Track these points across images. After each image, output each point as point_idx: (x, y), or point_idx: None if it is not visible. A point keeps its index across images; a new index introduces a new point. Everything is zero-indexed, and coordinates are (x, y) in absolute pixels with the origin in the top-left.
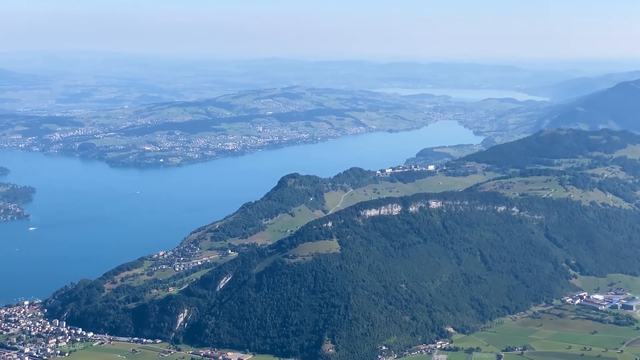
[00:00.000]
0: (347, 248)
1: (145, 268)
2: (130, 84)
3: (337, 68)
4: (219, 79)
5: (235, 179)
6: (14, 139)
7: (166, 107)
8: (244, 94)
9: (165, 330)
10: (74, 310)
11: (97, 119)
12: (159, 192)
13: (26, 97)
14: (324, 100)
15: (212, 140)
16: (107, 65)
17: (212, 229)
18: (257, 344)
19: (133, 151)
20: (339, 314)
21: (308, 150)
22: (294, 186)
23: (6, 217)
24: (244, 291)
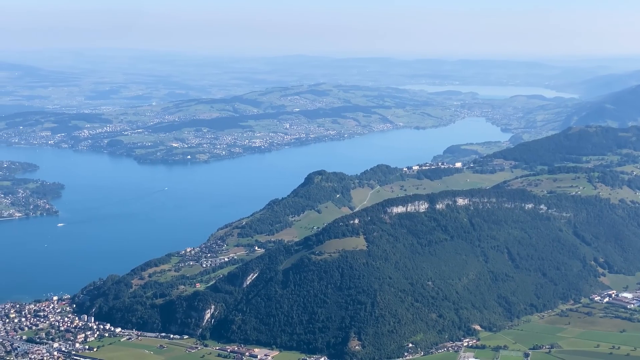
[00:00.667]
0: (373, 245)
1: (173, 264)
2: (158, 81)
3: (363, 65)
4: (245, 75)
5: (262, 176)
6: (44, 135)
7: (193, 104)
8: (271, 91)
9: (192, 326)
10: (102, 305)
11: (125, 116)
12: (186, 189)
13: (55, 94)
14: (350, 97)
15: (239, 137)
16: (135, 63)
17: (239, 225)
18: (283, 341)
19: (161, 148)
20: (365, 311)
21: (335, 147)
22: (320, 183)
23: (35, 213)
24: (270, 288)
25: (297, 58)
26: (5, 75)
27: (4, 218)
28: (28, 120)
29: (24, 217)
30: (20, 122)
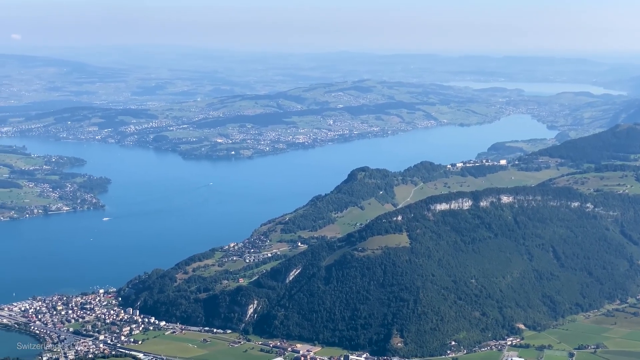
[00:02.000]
0: (416, 242)
1: (216, 259)
2: (203, 77)
3: (408, 61)
4: (290, 72)
5: (305, 172)
6: (91, 130)
7: (238, 100)
8: (315, 87)
9: (235, 321)
10: (147, 299)
11: (171, 112)
12: (230, 184)
13: (103, 90)
14: (394, 94)
15: (283, 133)
16: (181, 59)
17: (282, 221)
18: (325, 336)
19: (205, 143)
20: (407, 308)
21: (378, 143)
22: (364, 179)
23: (83, 207)
24: (313, 283)
25: (341, 54)
26: (54, 71)
27: (52, 212)
28: (76, 116)
29: (71, 210)
30: (69, 118)
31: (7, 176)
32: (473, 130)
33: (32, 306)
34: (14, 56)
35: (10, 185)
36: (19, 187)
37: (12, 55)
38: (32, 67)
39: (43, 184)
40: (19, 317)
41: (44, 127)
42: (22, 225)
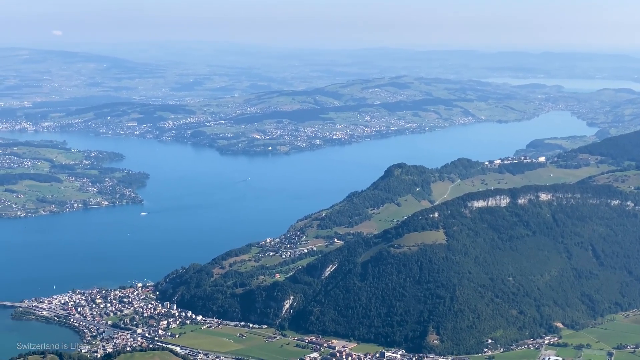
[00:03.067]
0: (453, 239)
1: (253, 254)
2: (241, 73)
3: (445, 57)
4: (327, 68)
5: (342, 168)
6: (130, 126)
7: (275, 95)
8: (352, 84)
9: (271, 316)
10: (184, 293)
11: (209, 107)
12: (266, 180)
13: (141, 86)
14: (432, 90)
15: (320, 129)
16: (218, 55)
17: (318, 217)
18: (361, 333)
19: (242, 139)
20: (444, 306)
21: (415, 140)
22: (400, 176)
23: (121, 201)
24: (349, 280)
25: (379, 50)
26: (94, 67)
27: (91, 206)
28: (115, 111)
29: (110, 205)
30: (108, 113)
31: (48, 170)
32: (511, 127)
33: (72, 299)
34: (55, 52)
35: (51, 180)
36: (60, 181)
37: (54, 51)
38: (72, 63)
39: (83, 178)
40: (59, 309)
41: (84, 122)
42: (62, 219)
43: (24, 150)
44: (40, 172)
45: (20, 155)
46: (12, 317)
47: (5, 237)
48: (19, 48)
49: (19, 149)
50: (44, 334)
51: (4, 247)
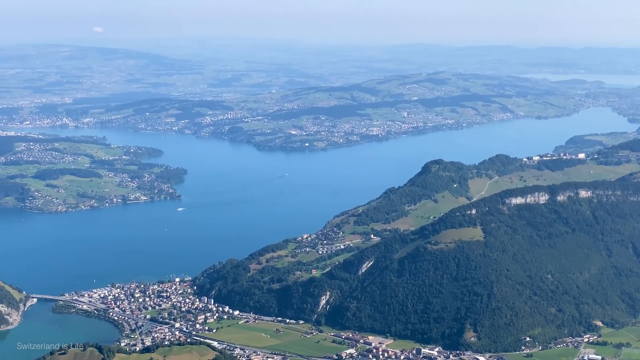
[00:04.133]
0: (491, 236)
1: (290, 250)
2: (278, 69)
3: (484, 53)
4: (364, 64)
5: (379, 164)
6: (168, 122)
7: (312, 91)
8: (389, 80)
9: (308, 312)
10: (222, 288)
11: (246, 103)
12: (303, 176)
13: (180, 82)
14: (470, 86)
15: (357, 125)
16: (256, 51)
17: (355, 213)
18: (398, 329)
19: (279, 135)
20: (481, 303)
21: (453, 136)
22: (437, 172)
23: (160, 197)
24: (385, 276)
25: (416, 46)
26: (134, 63)
27: (130, 201)
28: (154, 107)
29: (149, 200)
30: (147, 109)
31: (88, 166)
32: (550, 123)
33: (111, 293)
34: (95, 48)
35: (91, 175)
36: (99, 176)
37: (94, 47)
38: (112, 59)
39: (122, 173)
40: (99, 303)
41: (124, 118)
42: (102, 214)
43: (65, 145)
44: (81, 168)
45: (61, 150)
46: (53, 310)
47: (47, 232)
48: (60, 45)
49: (60, 144)
50: (83, 327)
51: (46, 241)
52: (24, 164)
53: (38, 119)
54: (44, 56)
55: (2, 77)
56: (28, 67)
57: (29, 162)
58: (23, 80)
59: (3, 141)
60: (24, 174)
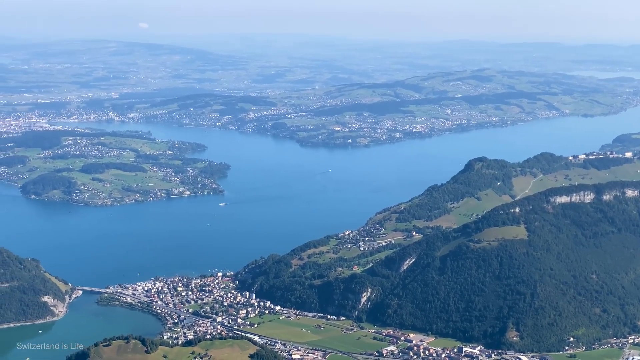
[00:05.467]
0: (534, 235)
1: (331, 246)
2: (322, 65)
3: (529, 50)
4: (408, 60)
5: (422, 161)
6: (212, 117)
7: (355, 88)
8: (433, 76)
9: (349, 308)
10: (263, 283)
11: (289, 99)
12: (346, 172)
13: (224, 78)
14: (515, 83)
15: (400, 121)
16: (300, 47)
17: (397, 210)
18: (439, 327)
19: (322, 131)
20: (524, 302)
21: (497, 133)
22: (481, 170)
23: (203, 191)
24: (427, 273)
25: (461, 43)
26: (179, 58)
27: (174, 195)
28: (198, 103)
29: (192, 195)
30: (191, 104)
31: (133, 160)
32: (597, 122)
33: (155, 286)
34: (141, 44)
35: (135, 169)
36: (144, 171)
37: (140, 43)
38: (158, 55)
39: (166, 168)
40: (142, 296)
41: (168, 113)
42: (146, 207)
43: (111, 140)
44: (126, 162)
45: (107, 145)
46: (97, 302)
47: (93, 225)
48: (107, 40)
49: (106, 139)
50: (127, 320)
51: (91, 234)
52: (71, 158)
53: (85, 114)
54: (91, 52)
55: (50, 72)
56: (76, 62)
57: (76, 156)
58: (71, 75)
59: (51, 135)
60: (71, 167)
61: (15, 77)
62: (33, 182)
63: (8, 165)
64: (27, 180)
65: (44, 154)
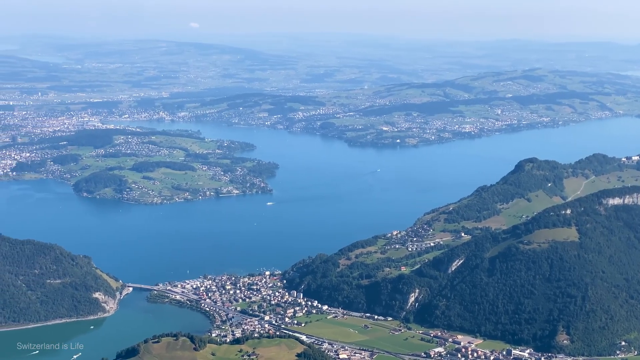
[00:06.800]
0: (586, 237)
1: (379, 246)
2: (371, 65)
3: (582, 50)
4: (457, 60)
5: (471, 162)
6: (261, 116)
7: (405, 88)
8: (483, 76)
9: (397, 309)
10: (311, 283)
11: (338, 99)
12: (394, 172)
13: (273, 77)
14: (567, 83)
15: (449, 122)
16: (349, 47)
17: (445, 210)
18: (487, 329)
19: (371, 131)
20: (575, 305)
21: (548, 134)
22: (531, 171)
23: (251, 190)
24: (476, 275)
25: (512, 42)
26: (229, 58)
27: (223, 194)
28: (247, 102)
29: (240, 194)
30: (241, 104)
31: (182, 159)
32: None
33: (203, 284)
34: (191, 44)
35: (185, 168)
36: (194, 169)
37: (190, 43)
38: (208, 54)
39: (215, 167)
40: (191, 294)
41: (218, 112)
42: (195, 206)
43: (161, 139)
44: (176, 161)
45: (158, 144)
46: (147, 299)
47: (143, 223)
48: (158, 40)
49: (156, 137)
50: (176, 317)
51: (142, 232)
52: (122, 157)
53: (136, 113)
54: (143, 51)
55: (103, 71)
56: (128, 62)
57: (127, 154)
58: (123, 75)
59: (103, 134)
60: (122, 166)
61: (69, 77)
62: (85, 180)
63: (61, 164)
64: (80, 179)
65: (96, 153)
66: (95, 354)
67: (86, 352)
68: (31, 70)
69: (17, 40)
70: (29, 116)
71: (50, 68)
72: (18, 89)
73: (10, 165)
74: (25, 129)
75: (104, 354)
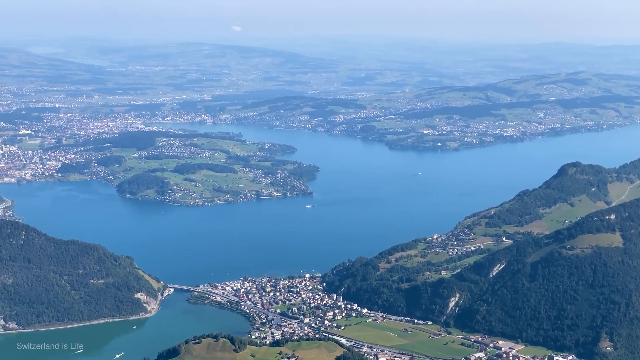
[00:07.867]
0: (631, 243)
1: (419, 250)
2: (412, 68)
3: (627, 52)
4: (500, 63)
5: (513, 166)
6: (302, 119)
7: (446, 91)
8: (526, 80)
9: (437, 313)
10: (351, 286)
11: (379, 102)
12: (435, 176)
13: (314, 80)
14: (612, 87)
15: (491, 125)
16: (390, 50)
17: (487, 214)
18: (529, 335)
19: (412, 134)
20: (619, 312)
21: (592, 138)
22: (575, 175)
23: (292, 193)
24: (517, 280)
25: (555, 45)
26: (270, 61)
27: (263, 197)
28: (288, 105)
29: (281, 196)
30: (282, 106)
31: (224, 161)
32: None
33: (243, 286)
34: (233, 47)
35: (226, 170)
36: (235, 172)
37: (232, 46)
38: (249, 57)
39: (256, 169)
40: (231, 296)
41: (259, 115)
42: (236, 208)
43: (203, 141)
44: (217, 163)
45: (199, 146)
46: (188, 300)
47: (185, 225)
48: (201, 43)
49: (198, 140)
50: (216, 318)
51: (183, 233)
52: (165, 158)
53: (178, 115)
54: (185, 54)
55: (146, 74)
56: (171, 65)
57: (169, 156)
58: (166, 78)
59: (146, 136)
60: (164, 168)
61: (113, 79)
62: (128, 182)
63: (105, 165)
64: (123, 180)
65: (139, 154)
66: (136, 354)
67: (128, 352)
68: (76, 72)
69: (62, 44)
70: (74, 118)
71: (95, 71)
72: (64, 92)
73: (56, 167)
74: (71, 131)
75: (146, 354)
